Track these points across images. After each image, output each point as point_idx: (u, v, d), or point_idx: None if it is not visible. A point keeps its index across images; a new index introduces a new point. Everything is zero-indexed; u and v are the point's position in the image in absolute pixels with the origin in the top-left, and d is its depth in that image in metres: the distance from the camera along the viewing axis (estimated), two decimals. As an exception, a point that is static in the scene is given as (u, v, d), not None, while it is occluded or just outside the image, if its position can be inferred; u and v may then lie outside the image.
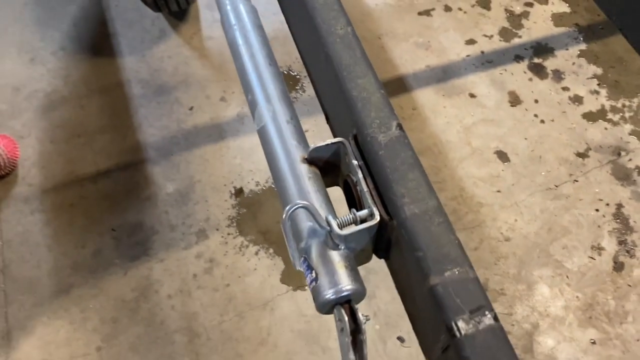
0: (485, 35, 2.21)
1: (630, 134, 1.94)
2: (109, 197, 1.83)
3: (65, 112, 2.00)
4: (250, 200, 1.82)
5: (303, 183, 0.86)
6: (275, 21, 2.26)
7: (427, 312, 0.75)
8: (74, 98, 2.03)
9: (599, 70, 2.10)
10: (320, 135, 1.96)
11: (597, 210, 1.78)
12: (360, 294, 0.78)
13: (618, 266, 1.68)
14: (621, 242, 1.72)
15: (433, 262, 0.72)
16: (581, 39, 2.19)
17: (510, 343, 0.68)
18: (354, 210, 0.80)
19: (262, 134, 0.95)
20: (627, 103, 2.02)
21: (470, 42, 2.19)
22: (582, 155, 1.90)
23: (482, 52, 2.16)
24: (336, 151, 0.88)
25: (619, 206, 1.79)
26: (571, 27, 2.22)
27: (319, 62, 0.98)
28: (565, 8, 2.29)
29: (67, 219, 1.78)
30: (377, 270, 1.69)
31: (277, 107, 0.94)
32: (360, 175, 0.82)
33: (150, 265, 1.70)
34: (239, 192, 1.84)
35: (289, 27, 1.16)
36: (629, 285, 1.65)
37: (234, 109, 2.03)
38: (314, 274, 0.79)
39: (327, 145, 0.86)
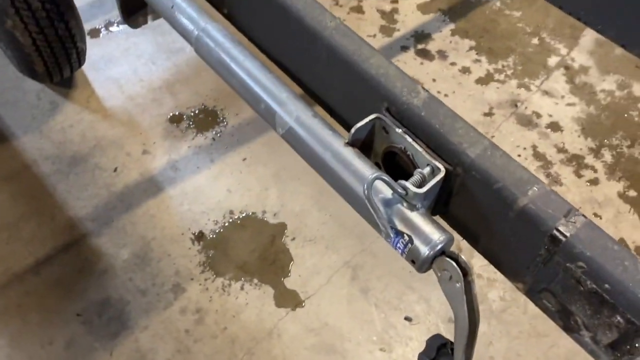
0: (370, 36, 2.39)
1: (517, 87, 2.22)
2: (61, 283, 1.65)
3: (-28, 211, 1.77)
4: (215, 241, 1.76)
5: (357, 163, 0.88)
6: (170, 66, 2.23)
7: (517, 236, 0.82)
8: (-23, 194, 1.81)
9: (473, 43, 2.38)
10: (259, 159, 1.96)
11: (519, 155, 2.01)
12: (451, 241, 0.83)
13: (553, 196, 1.91)
14: (548, 175, 1.96)
15: (514, 187, 0.80)
16: (448, 20, 2.47)
17: (606, 232, 0.77)
18: (418, 170, 0.85)
19: (290, 136, 0.95)
20: (504, 63, 2.31)
21: (359, 43, 2.35)
22: (488, 114, 2.13)
23: (373, 50, 2.33)
24: (370, 129, 0.92)
25: (534, 147, 2.04)
26: (437, 13, 2.49)
27: (316, 59, 1.02)
28: (424, -2, 2.56)
29: (19, 321, 1.58)
30: (361, 265, 1.74)
31: (296, 108, 0.95)
32: (409, 139, 0.88)
33: (134, 336, 1.56)
34: (199, 236, 1.77)
35: (261, 46, 1.16)
36: (568, 208, 1.88)
37: (161, 158, 1.95)
38: (406, 238, 0.82)
39: (365, 123, 0.90)
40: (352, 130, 0.90)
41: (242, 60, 1.03)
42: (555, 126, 2.10)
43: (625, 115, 2.15)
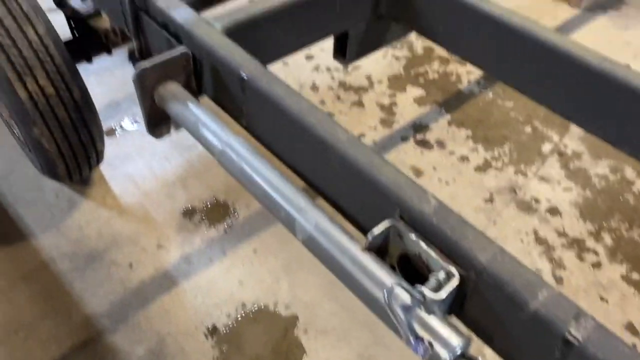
0: (371, 127, 2.52)
1: (515, 174, 2.32)
2: (76, 384, 1.66)
3: (-10, 311, 1.80)
4: (228, 335, 1.79)
5: (375, 270, 0.94)
6: (183, 162, 2.34)
7: (531, 338, 0.87)
8: (-5, 294, 1.85)
9: (469, 132, 2.51)
10: (270, 250, 2.02)
11: (521, 241, 2.07)
12: (469, 343, 0.88)
13: (558, 279, 1.95)
14: (551, 260, 2.01)
15: (525, 291, 0.85)
16: (444, 111, 2.61)
17: (616, 335, 0.82)
18: (434, 274, 0.91)
19: (311, 243, 1.02)
20: (500, 151, 2.42)
21: (361, 135, 2.48)
22: (489, 201, 2.22)
23: (375, 142, 2.46)
24: (385, 234, 0.99)
25: (536, 232, 2.10)
26: (432, 105, 2.64)
27: (331, 169, 1.10)
28: (421, 92, 2.72)
29: None
30: (375, 357, 1.75)
31: (315, 215, 1.03)
32: (423, 244, 0.94)
33: None
34: (213, 330, 1.80)
35: (278, 154, 1.26)
36: (573, 294, 1.92)
37: (175, 253, 2.01)
38: (426, 343, 0.87)
39: (382, 230, 0.97)
40: (369, 236, 0.97)
41: (263, 171, 1.12)
42: (554, 211, 2.18)
43: (621, 198, 2.24)
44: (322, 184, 1.18)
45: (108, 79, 2.70)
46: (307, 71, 2.83)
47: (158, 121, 1.37)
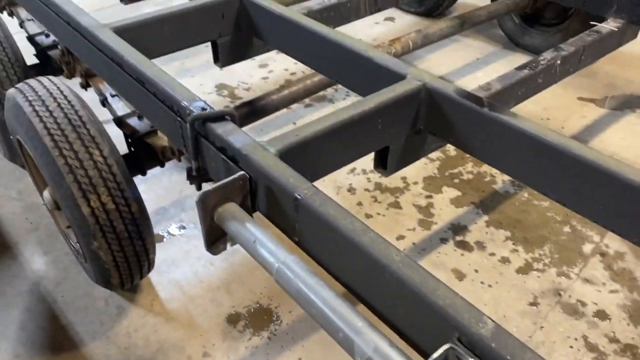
0: (409, 229, 2.57)
1: (557, 276, 2.31)
2: None
3: (40, 423, 1.82)
4: None
5: (436, 394, 0.96)
6: (227, 266, 2.40)
7: None
8: (45, 405, 1.87)
9: (508, 233, 2.53)
10: (314, 359, 2.01)
11: (571, 347, 2.03)
12: None
13: (614, 390, 1.89)
14: (604, 368, 1.96)
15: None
16: (481, 212, 2.65)
17: None
18: (496, 400, 0.92)
19: (370, 365, 1.04)
20: (541, 252, 2.43)
21: (400, 237, 2.52)
22: (533, 304, 2.20)
23: (414, 244, 2.49)
24: (444, 358, 1.01)
25: (585, 337, 2.06)
26: (469, 206, 2.69)
27: (386, 289, 1.14)
28: (456, 192, 2.78)
29: None
30: None
31: (373, 337, 1.05)
32: (483, 369, 0.96)
33: None
34: None
35: (331, 272, 1.31)
36: (632, 404, 1.84)
37: (220, 361, 2.02)
38: None
39: (440, 354, 0.99)
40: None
41: (319, 290, 1.16)
42: (602, 314, 2.14)
43: (670, 300, 2.20)
44: (377, 304, 1.21)
45: (155, 187, 2.84)
46: (343, 174, 2.93)
47: (216, 238, 1.44)
